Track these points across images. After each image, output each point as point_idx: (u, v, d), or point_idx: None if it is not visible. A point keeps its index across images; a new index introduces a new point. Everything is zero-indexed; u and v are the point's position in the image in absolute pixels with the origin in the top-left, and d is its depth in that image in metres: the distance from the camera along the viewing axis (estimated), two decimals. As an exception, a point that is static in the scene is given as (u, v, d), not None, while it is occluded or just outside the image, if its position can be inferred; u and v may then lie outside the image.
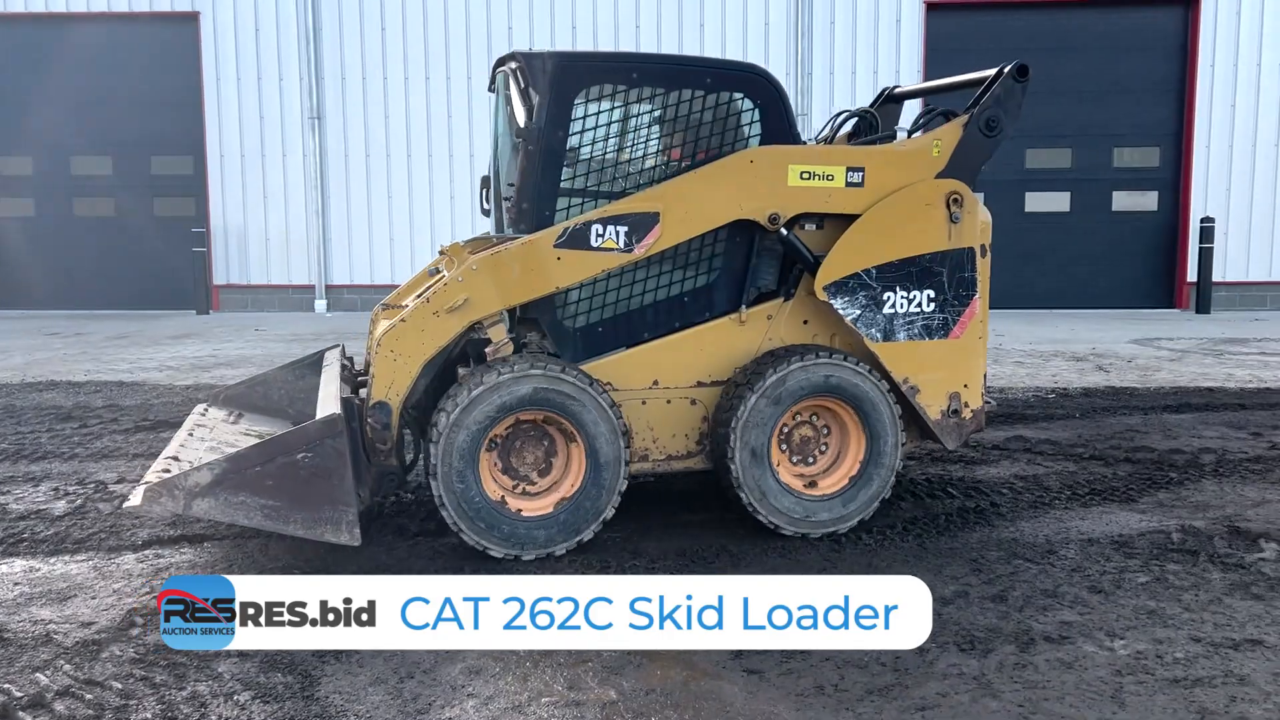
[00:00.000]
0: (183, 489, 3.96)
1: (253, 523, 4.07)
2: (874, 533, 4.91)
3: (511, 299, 4.67)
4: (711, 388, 4.97)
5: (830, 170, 4.90)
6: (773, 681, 3.42)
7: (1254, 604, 4.02)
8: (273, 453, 4.09)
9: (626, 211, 4.69)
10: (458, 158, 16.67)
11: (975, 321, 5.09)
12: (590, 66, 4.87)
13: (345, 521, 4.09)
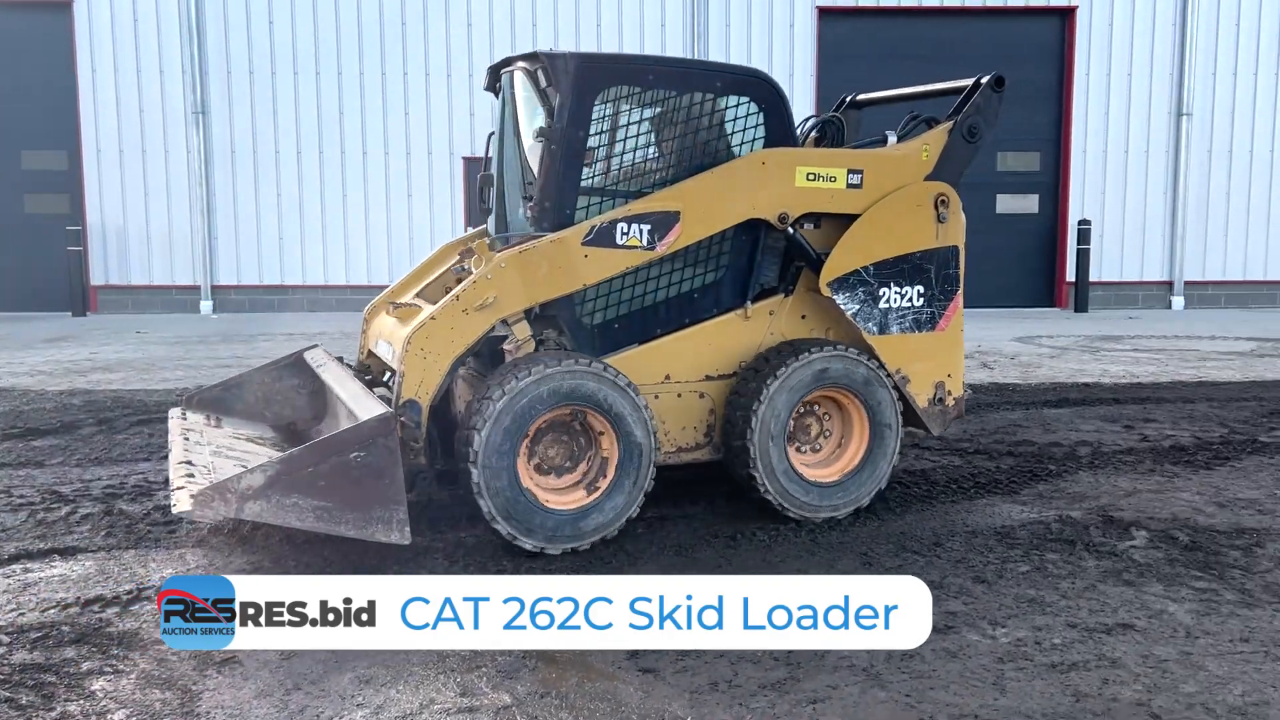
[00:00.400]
0: (235, 492, 3.89)
1: (304, 524, 4.00)
2: (768, 529, 4.97)
3: (538, 296, 4.76)
4: (718, 381, 5.16)
5: (833, 172, 5.17)
6: (668, 680, 3.43)
7: (1125, 589, 4.20)
8: (326, 453, 4.02)
9: (649, 210, 4.84)
10: (350, 155, 16.31)
11: (957, 315, 5.46)
12: (610, 68, 5.01)
13: (396, 520, 4.07)
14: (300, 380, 5.94)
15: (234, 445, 5.14)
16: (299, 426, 5.89)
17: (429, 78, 16.28)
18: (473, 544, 4.75)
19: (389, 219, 16.49)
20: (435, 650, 3.60)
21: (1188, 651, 3.61)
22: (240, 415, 5.79)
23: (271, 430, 5.74)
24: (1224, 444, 6.73)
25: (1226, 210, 16.93)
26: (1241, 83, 16.83)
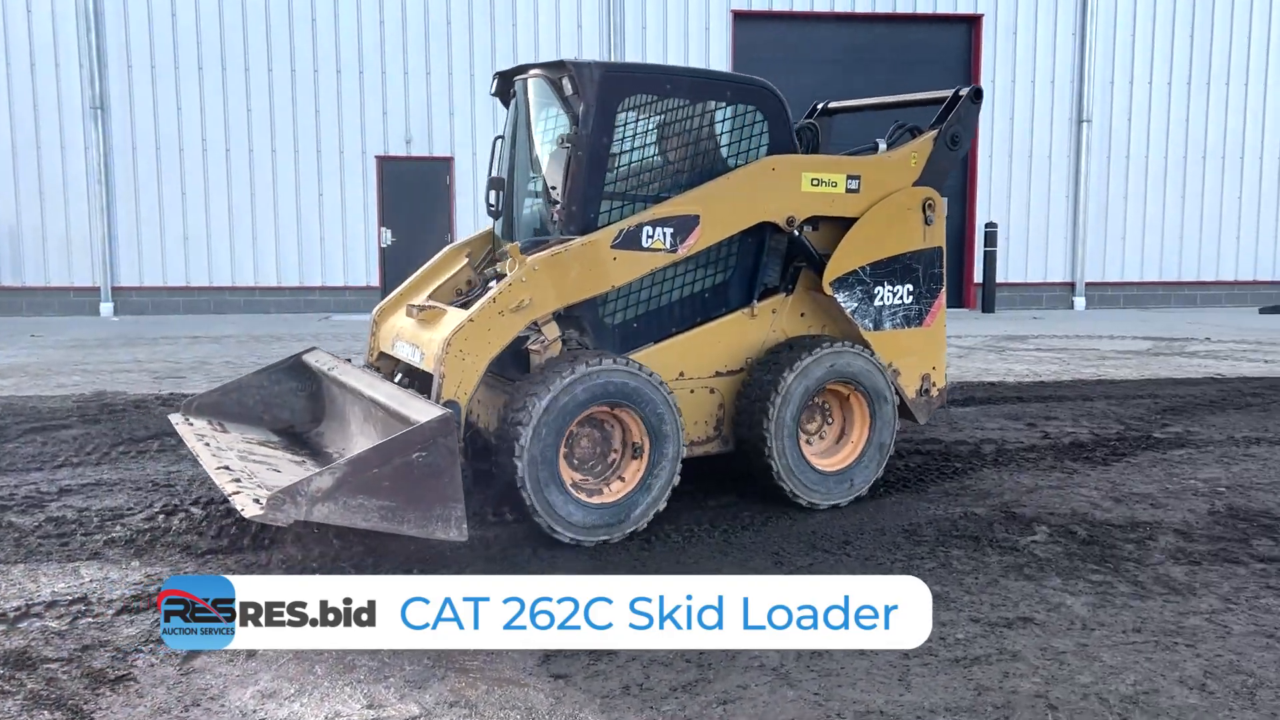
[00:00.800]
0: (305, 495, 3.92)
1: (369, 524, 4.04)
2: (682, 529, 4.99)
3: (569, 298, 4.91)
4: (727, 377, 5.41)
5: (834, 178, 5.47)
6: (579, 685, 3.41)
7: (1026, 584, 4.32)
8: (390, 454, 4.06)
9: (671, 214, 5.05)
10: (258, 153, 15.93)
11: (941, 311, 5.85)
12: (632, 77, 5.22)
13: (454, 518, 4.13)
14: (298, 383, 5.93)
15: (253, 450, 5.19)
16: (298, 430, 5.87)
17: (340, 75, 15.99)
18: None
19: (299, 219, 16.15)
20: (344, 660, 3.53)
21: (1084, 643, 3.72)
22: (239, 419, 5.77)
23: (273, 434, 5.71)
24: (1120, 440, 6.97)
25: (1124, 214, 17.58)
26: (1138, 91, 17.49)
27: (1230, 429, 7.36)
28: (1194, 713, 3.20)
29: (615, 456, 4.97)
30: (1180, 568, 4.51)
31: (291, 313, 16.19)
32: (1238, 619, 3.94)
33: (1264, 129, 17.86)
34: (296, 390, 5.92)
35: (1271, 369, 10.23)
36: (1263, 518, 5.24)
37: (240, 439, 5.40)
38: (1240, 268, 18.14)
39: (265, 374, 5.94)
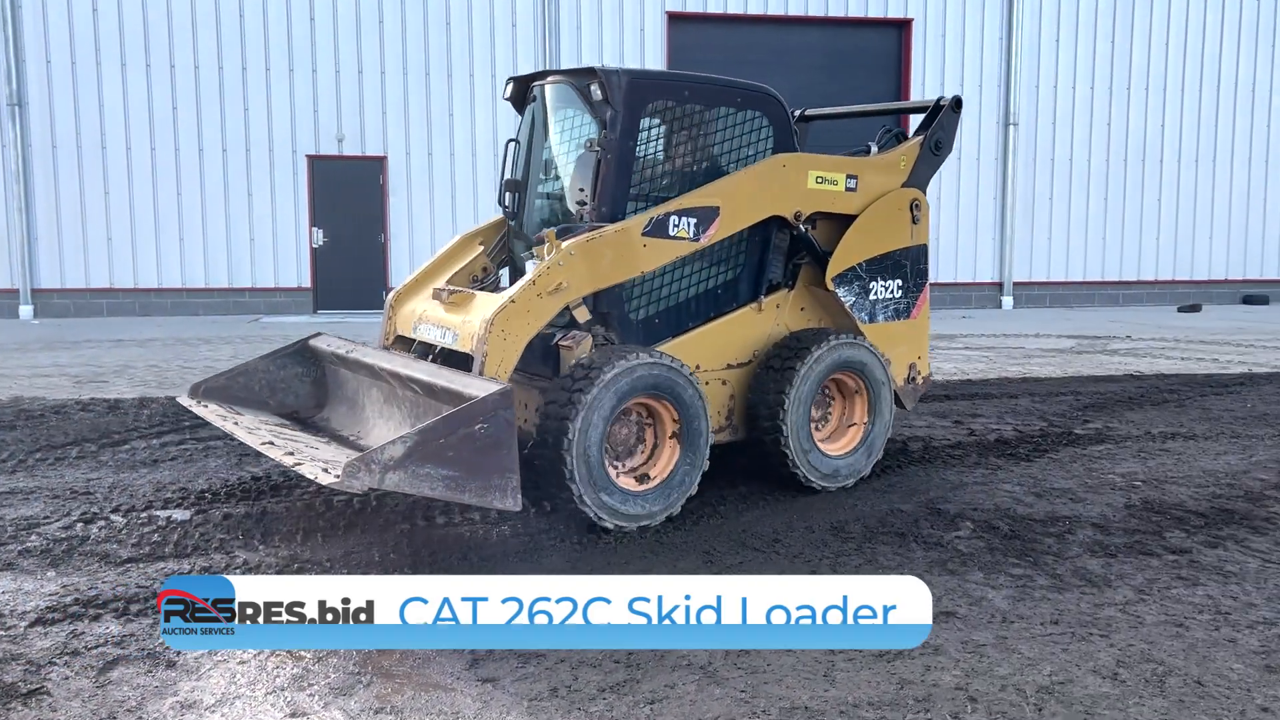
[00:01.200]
0: (378, 464, 4.02)
1: (435, 493, 4.16)
2: (613, 530, 5.00)
3: (601, 282, 5.11)
4: (737, 369, 5.70)
5: (835, 176, 5.82)
6: (507, 688, 3.40)
7: (949, 579, 4.41)
8: (456, 425, 4.18)
9: (695, 205, 5.31)
10: (185, 152, 15.58)
11: (925, 304, 6.28)
12: (654, 84, 5.45)
13: (510, 488, 4.27)
14: (303, 369, 6.01)
15: (281, 430, 5.34)
16: (302, 414, 5.93)
17: (269, 73, 15.71)
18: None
19: (228, 219, 15.84)
20: (266, 669, 3.48)
21: (1003, 636, 3.81)
22: (246, 404, 5.82)
23: (283, 419, 5.77)
24: (1043, 437, 7.15)
25: (1050, 215, 18.02)
26: (1062, 95, 17.94)
27: (1147, 424, 7.59)
28: (1106, 701, 3.29)
29: (650, 446, 5.22)
30: (1097, 560, 4.64)
31: (221, 315, 15.88)
32: (1150, 609, 4.07)
33: (1181, 134, 18.44)
34: (302, 375, 6.01)
35: (1187, 366, 10.56)
36: (1175, 510, 5.41)
37: (260, 421, 5.46)
38: (1160, 268, 18.69)
39: (271, 359, 5.99)
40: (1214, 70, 18.44)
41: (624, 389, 4.87)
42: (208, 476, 5.99)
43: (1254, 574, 4.46)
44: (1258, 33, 18.52)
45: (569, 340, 5.13)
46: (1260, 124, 18.71)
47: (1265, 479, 6.07)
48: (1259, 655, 3.63)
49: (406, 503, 5.46)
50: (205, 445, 6.77)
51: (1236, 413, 8.07)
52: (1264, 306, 18.44)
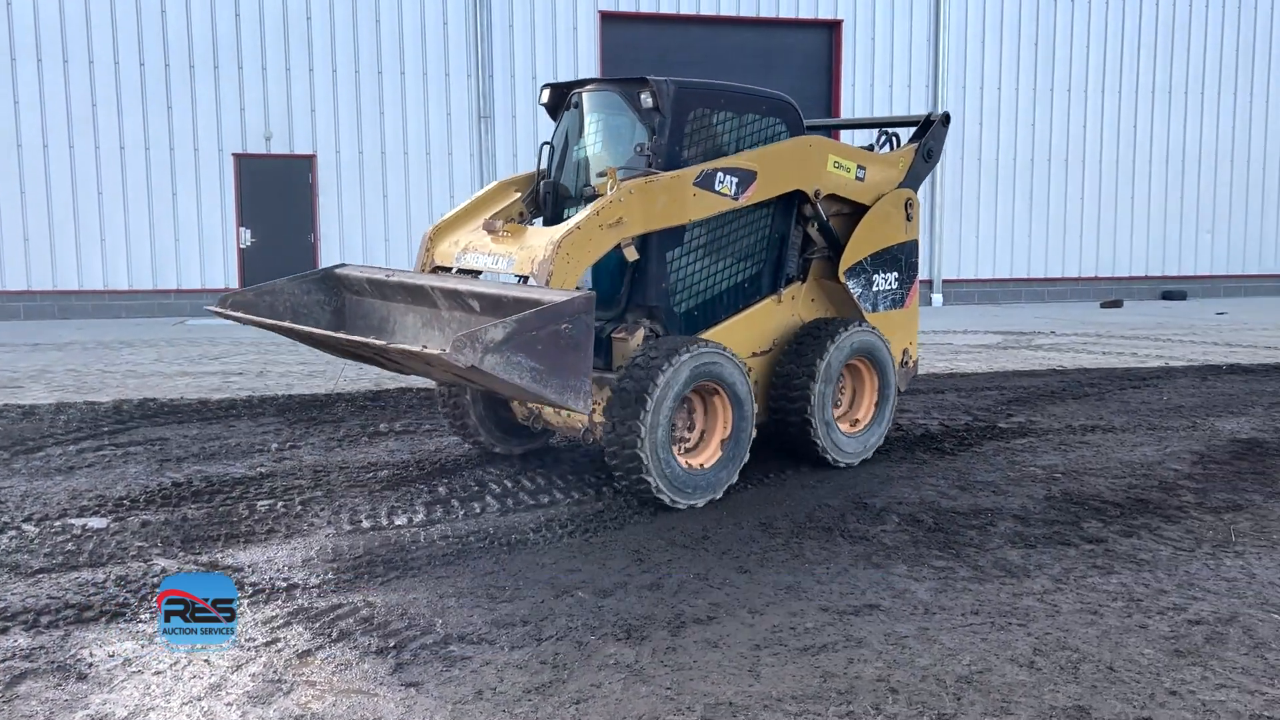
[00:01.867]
0: (481, 343, 4.21)
1: (522, 382, 4.34)
2: (541, 531, 4.98)
3: (653, 223, 5.44)
4: (761, 357, 6.16)
5: (849, 164, 6.37)
6: (431, 692, 3.37)
7: (874, 572, 4.47)
8: (547, 320, 4.38)
9: (738, 166, 5.73)
10: (106, 150, 15.17)
11: (916, 295, 6.91)
12: (697, 92, 5.80)
13: (584, 391, 4.52)
14: (325, 296, 6.05)
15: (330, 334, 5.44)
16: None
17: (193, 70, 15.37)
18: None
19: (152, 219, 15.46)
20: (181, 679, 3.40)
21: (925, 627, 3.87)
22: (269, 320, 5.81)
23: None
24: (968, 431, 7.29)
25: (978, 213, 18.37)
26: (988, 96, 18.30)
27: (1068, 418, 7.78)
28: (1022, 689, 3.36)
29: (704, 430, 5.64)
30: (1017, 551, 4.74)
31: (145, 317, 15.49)
32: (1066, 598, 4.16)
33: (1102, 135, 18.93)
34: (323, 303, 6.03)
35: (1108, 360, 10.85)
36: (1093, 500, 5.56)
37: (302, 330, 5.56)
38: (1083, 265, 19.17)
39: (297, 282, 5.98)
40: (1132, 73, 18.96)
41: (687, 376, 5.28)
42: (126, 483, 5.84)
43: (1165, 561, 4.60)
44: (1173, 39, 19.09)
45: (622, 332, 5.55)
46: (1176, 126, 19.29)
47: (1178, 469, 6.26)
48: (1168, 640, 3.73)
49: (332, 507, 5.39)
50: (124, 451, 6.60)
51: (1153, 405, 8.31)
52: (1182, 302, 19.01)
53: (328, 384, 9.21)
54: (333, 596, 4.16)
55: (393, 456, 6.51)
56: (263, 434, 7.17)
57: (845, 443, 6.22)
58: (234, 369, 10.16)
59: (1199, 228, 19.65)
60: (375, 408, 8.12)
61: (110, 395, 8.56)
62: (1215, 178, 19.62)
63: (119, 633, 3.80)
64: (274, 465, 6.29)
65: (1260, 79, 19.63)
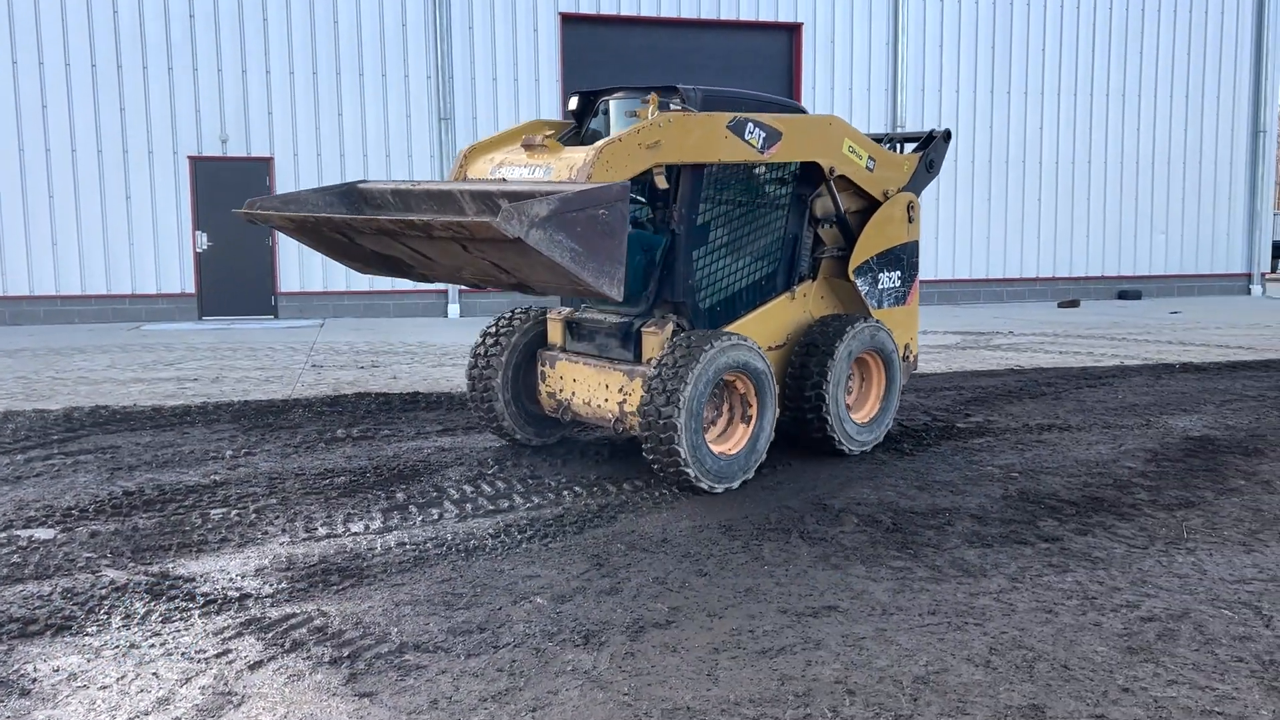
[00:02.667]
0: (527, 216, 4.31)
1: (562, 260, 4.47)
2: (499, 536, 4.94)
3: (686, 156, 5.67)
4: (776, 351, 6.49)
5: (862, 152, 6.70)
6: (385, 702, 3.32)
7: (833, 573, 4.48)
8: (586, 202, 4.52)
9: (767, 122, 6.01)
10: (56, 153, 14.89)
11: (916, 293, 7.29)
12: (721, 98, 6.03)
13: (618, 278, 4.68)
14: (347, 210, 6.04)
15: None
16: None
17: (147, 71, 15.15)
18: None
19: (105, 223, 15.22)
20: (129, 693, 3.32)
21: (883, 628, 3.88)
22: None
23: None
24: (926, 431, 7.34)
25: (937, 214, 18.51)
26: (946, 98, 18.48)
27: (1026, 417, 7.86)
28: (978, 689, 3.38)
29: (730, 418, 5.95)
30: (974, 551, 4.76)
31: (99, 323, 15.23)
32: (1022, 597, 4.19)
33: (1059, 137, 19.19)
34: (343, 212, 5.94)
35: (1064, 360, 10.98)
36: (1049, 499, 5.61)
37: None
38: (1041, 265, 19.41)
39: (320, 193, 6.01)
40: (1087, 77, 19.24)
41: (720, 366, 5.61)
42: (75, 493, 5.72)
43: (1120, 559, 4.65)
44: (1126, 43, 19.39)
45: (652, 327, 5.91)
46: (1130, 129, 19.60)
47: (1133, 467, 6.34)
48: (1122, 638, 3.77)
49: (287, 515, 5.32)
50: (74, 460, 6.48)
51: (1108, 404, 8.41)
52: (1137, 301, 19.31)
53: (285, 390, 9.10)
54: (286, 606, 4.09)
55: (350, 463, 6.44)
56: (217, 441, 7.06)
57: (856, 430, 6.55)
58: (189, 375, 10.01)
59: (1153, 228, 19.98)
60: (333, 413, 8.03)
61: (61, 403, 8.40)
62: (1168, 179, 19.96)
63: (64, 647, 3.72)
64: (228, 473, 6.19)
65: (1211, 83, 20.00)
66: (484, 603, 4.14)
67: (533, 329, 6.67)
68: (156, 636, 3.79)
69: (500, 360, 6.56)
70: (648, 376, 5.61)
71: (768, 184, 6.43)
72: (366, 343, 12.80)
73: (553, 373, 6.46)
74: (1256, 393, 8.94)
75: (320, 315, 16.11)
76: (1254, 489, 5.84)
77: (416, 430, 7.41)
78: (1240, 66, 20.14)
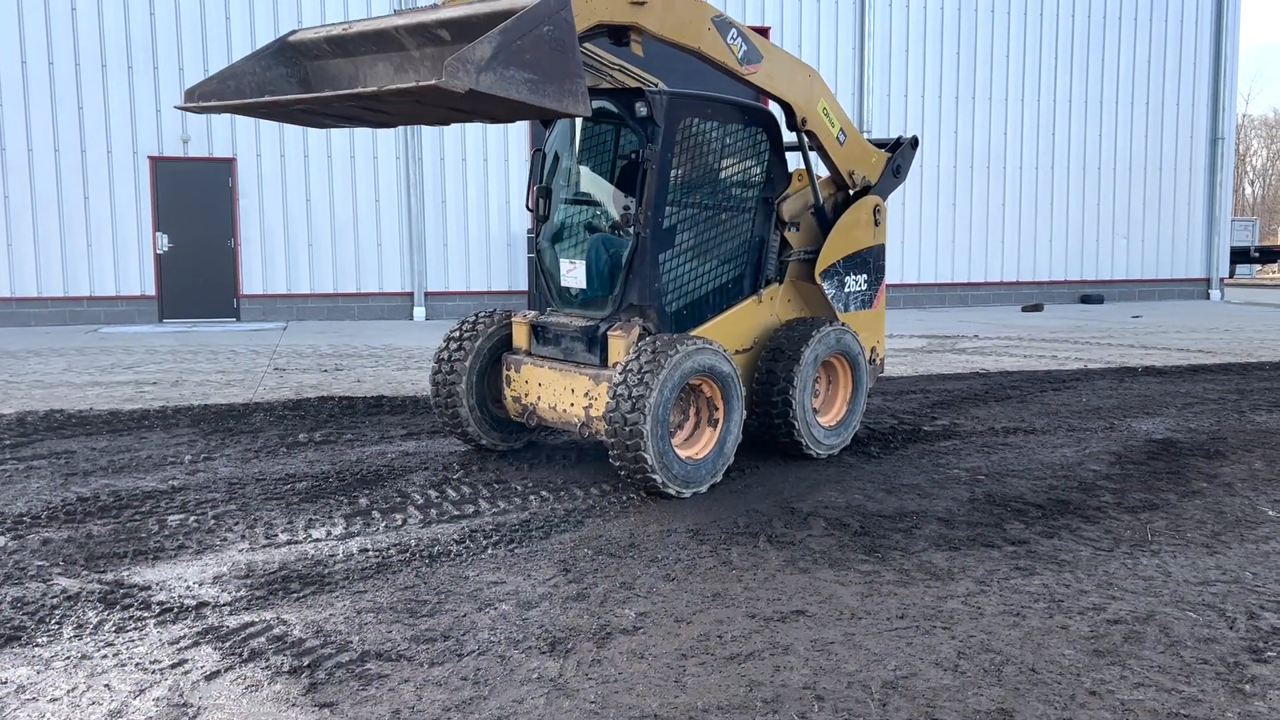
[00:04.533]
0: (472, 62, 4.20)
1: (521, 96, 4.38)
2: (464, 542, 4.87)
3: (665, 30, 5.55)
4: (743, 355, 6.46)
5: (835, 120, 6.69)
6: (346, 713, 3.24)
7: (801, 577, 4.45)
8: (527, 26, 4.37)
9: (753, 43, 6.00)
10: (12, 153, 14.61)
11: (882, 296, 7.31)
12: (688, 102, 6.00)
13: (580, 93, 4.57)
14: (288, 69, 5.86)
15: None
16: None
17: (106, 70, 14.89)
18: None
19: (63, 224, 14.95)
20: (80, 705, 3.22)
21: (851, 632, 3.85)
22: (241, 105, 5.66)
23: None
24: (893, 434, 7.35)
25: (903, 219, 18.63)
26: (912, 103, 18.61)
27: (991, 420, 7.89)
28: (947, 693, 3.36)
29: (697, 422, 5.93)
30: (941, 554, 4.76)
31: (57, 325, 14.95)
32: (990, 600, 4.19)
33: (1022, 143, 19.38)
34: (287, 76, 5.83)
35: (1029, 363, 11.06)
36: (1016, 502, 5.62)
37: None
38: (1005, 269, 19.58)
39: (254, 60, 5.73)
40: (1050, 84, 19.45)
41: (687, 370, 5.58)
42: (28, 499, 5.58)
43: (1086, 561, 4.66)
44: (1088, 51, 19.63)
45: (618, 330, 5.85)
46: (1092, 135, 19.84)
47: (1097, 469, 6.38)
48: (1089, 640, 3.77)
49: (246, 521, 5.21)
50: (27, 466, 6.32)
51: (1073, 407, 8.48)
52: (1099, 305, 19.53)
53: (246, 393, 8.95)
54: (244, 614, 4.00)
55: (312, 468, 6.33)
56: (176, 445, 6.93)
57: (824, 434, 6.54)
58: (148, 378, 9.83)
59: (1115, 234, 20.22)
60: (295, 417, 7.91)
61: (14, 407, 8.21)
62: (1129, 186, 20.22)
63: (13, 658, 3.60)
64: (187, 478, 6.07)
65: (1170, 92, 20.29)
66: (448, 610, 4.07)
67: (497, 332, 6.60)
68: (110, 647, 3.69)
69: (464, 365, 6.48)
70: (613, 381, 5.56)
71: (734, 186, 6.39)
72: (330, 345, 12.64)
73: (518, 377, 6.39)
74: (1217, 395, 9.05)
75: (283, 318, 15.92)
76: (1216, 491, 5.89)
77: (380, 435, 7.32)
78: (1199, 76, 20.46)
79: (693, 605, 4.13)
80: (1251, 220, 35.60)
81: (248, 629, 3.85)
